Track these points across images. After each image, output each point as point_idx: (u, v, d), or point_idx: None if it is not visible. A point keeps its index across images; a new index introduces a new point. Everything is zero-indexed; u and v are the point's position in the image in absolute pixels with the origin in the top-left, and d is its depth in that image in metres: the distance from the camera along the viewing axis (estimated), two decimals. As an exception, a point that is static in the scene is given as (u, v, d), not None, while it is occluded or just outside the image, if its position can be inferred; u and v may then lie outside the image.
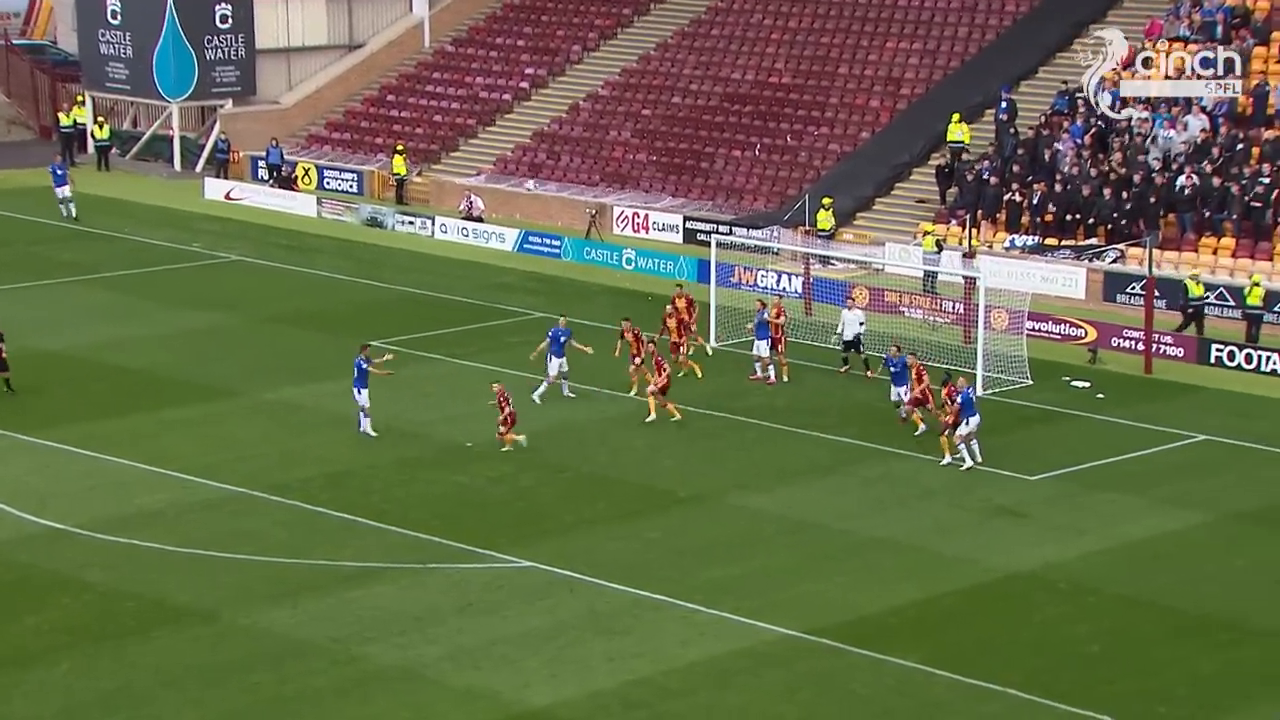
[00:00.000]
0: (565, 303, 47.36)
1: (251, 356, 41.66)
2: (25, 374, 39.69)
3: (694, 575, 29.54)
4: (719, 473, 34.70)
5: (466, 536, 30.76)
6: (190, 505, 31.96)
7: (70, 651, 25.89)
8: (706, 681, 25.85)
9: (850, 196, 53.00)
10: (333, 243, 54.19)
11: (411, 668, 25.84)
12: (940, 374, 37.08)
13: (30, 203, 56.96)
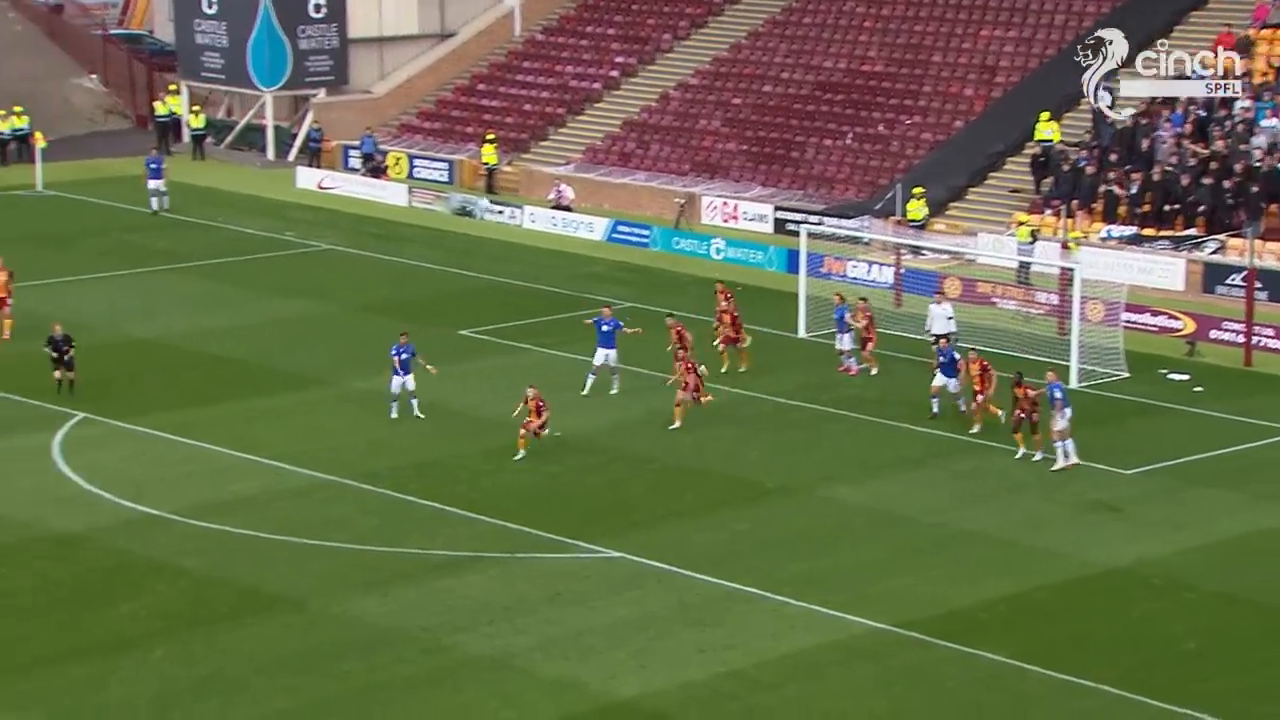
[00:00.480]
0: (655, 293, 47.41)
1: (342, 345, 41.99)
2: (121, 361, 40.27)
3: (783, 567, 29.47)
4: (807, 464, 34.58)
5: (555, 527, 30.84)
6: (282, 492, 32.28)
7: (165, 637, 26.23)
8: (797, 674, 25.78)
9: (943, 186, 52.61)
10: (423, 232, 54.51)
11: (501, 657, 25.96)
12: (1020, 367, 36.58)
13: (126, 191, 57.73)
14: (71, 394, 36.52)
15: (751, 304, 45.85)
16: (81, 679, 24.88)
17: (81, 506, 31.24)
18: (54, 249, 50.97)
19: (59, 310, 44.12)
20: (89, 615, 26.97)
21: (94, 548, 29.50)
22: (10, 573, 28.39)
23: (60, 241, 51.88)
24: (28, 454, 33.78)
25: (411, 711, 24.26)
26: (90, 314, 44.03)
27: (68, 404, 36.50)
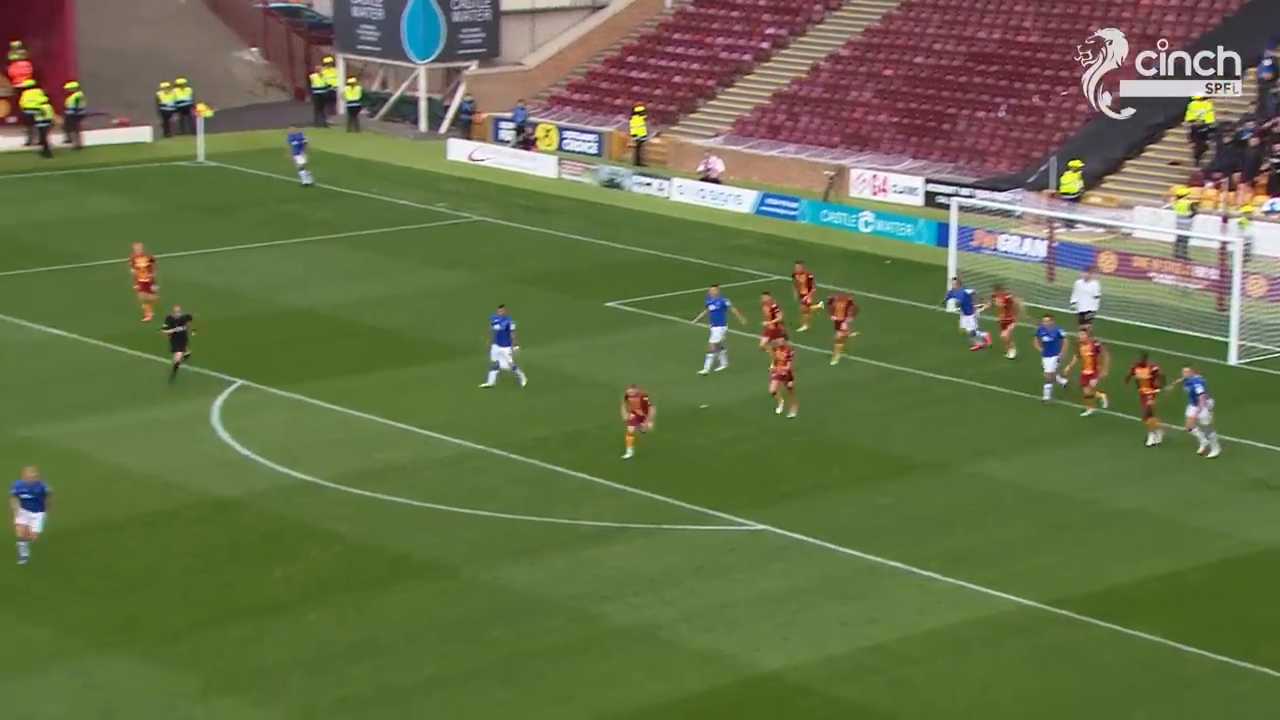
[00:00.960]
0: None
1: (491, 315, 42.33)
2: (277, 330, 40.99)
3: (930, 542, 29.22)
4: (956, 440, 34.22)
5: (700, 498, 30.86)
6: (432, 461, 32.65)
7: (319, 601, 26.69)
8: (943, 650, 25.56)
9: (1098, 159, 51.64)
10: (571, 204, 54.73)
11: (647, 628, 26.06)
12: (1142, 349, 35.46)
13: (284, 163, 58.63)
14: (173, 381, 35.98)
15: (900, 278, 45.49)
16: (238, 640, 25.40)
17: (238, 472, 31.87)
18: (214, 219, 51.98)
19: (218, 279, 45.11)
20: (245, 578, 27.51)
21: (250, 512, 30.08)
22: (170, 536, 29.05)
23: (220, 211, 52.89)
24: (188, 420, 34.51)
25: (558, 680, 24.45)
26: (248, 283, 44.87)
27: (227, 371, 37.20)
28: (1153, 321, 41.30)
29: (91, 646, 24.88)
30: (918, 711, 23.85)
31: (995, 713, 23.88)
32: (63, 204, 53.45)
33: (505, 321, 36.24)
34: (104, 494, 30.62)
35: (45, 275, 45.09)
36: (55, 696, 23.66)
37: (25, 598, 26.24)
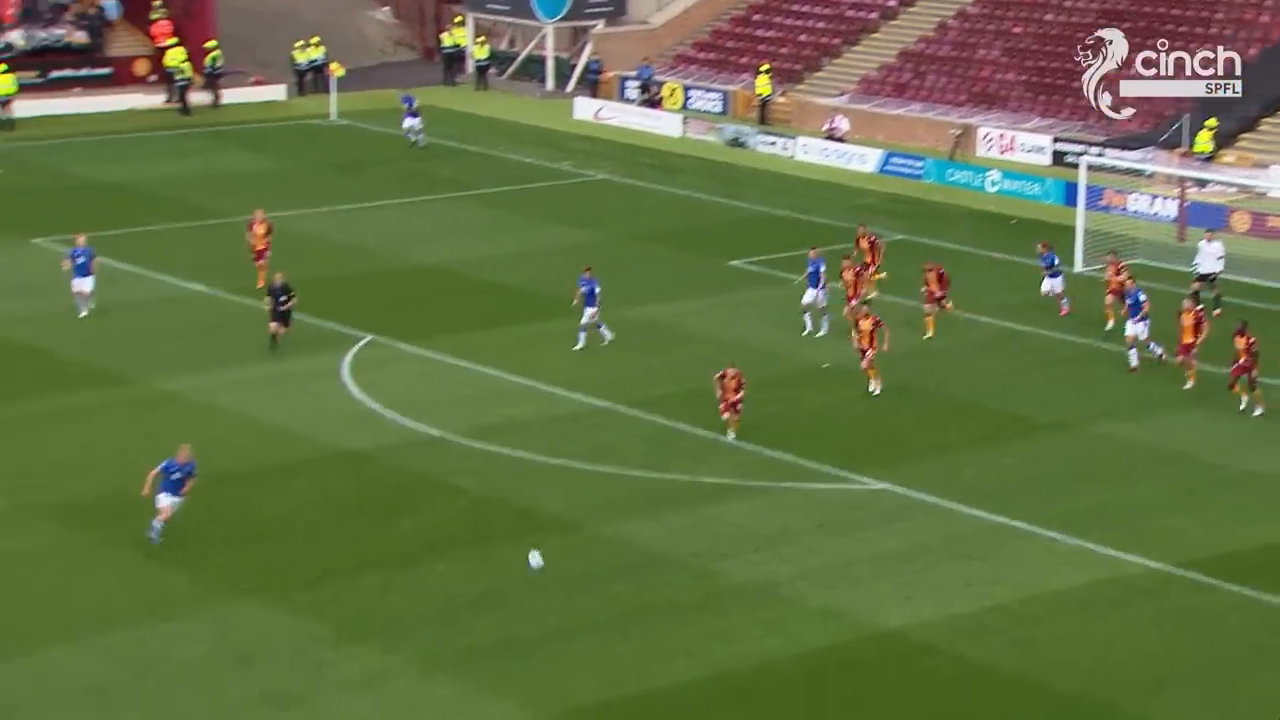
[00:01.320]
0: (926, 226, 46.67)
1: (616, 274, 42.32)
2: (406, 286, 41.35)
3: (1055, 503, 28.86)
4: (1082, 401, 33.74)
5: (821, 457, 30.72)
6: (556, 417, 32.79)
7: (445, 554, 26.95)
8: (1067, 611, 25.27)
9: (1233, 117, 50.49)
10: (696, 162, 54.57)
11: (766, 585, 26.02)
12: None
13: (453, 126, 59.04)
14: (273, 349, 35.39)
15: (1026, 238, 44.82)
16: (368, 590, 25.74)
17: (367, 425, 32.23)
18: (345, 176, 52.51)
19: (348, 235, 45.58)
20: (373, 530, 27.85)
21: (378, 465, 30.42)
22: (300, 488, 29.48)
23: (351, 169, 53.41)
24: (319, 374, 34.95)
25: (679, 634, 24.49)
26: (377, 240, 45.30)
27: (356, 326, 37.60)
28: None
29: (227, 594, 25.34)
30: (1041, 672, 23.61)
31: (1120, 674, 23.58)
32: (200, 160, 54.29)
33: (591, 284, 35.97)
34: (237, 446, 31.12)
35: (183, 231, 45.83)
36: (192, 640, 24.15)
37: (164, 547, 26.77)
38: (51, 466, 30.09)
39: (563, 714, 22.37)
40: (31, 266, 42.22)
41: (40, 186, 50.72)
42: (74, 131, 57.51)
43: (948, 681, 23.47)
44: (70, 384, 34.24)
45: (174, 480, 26.69)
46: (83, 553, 26.83)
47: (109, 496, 28.77)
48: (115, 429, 31.93)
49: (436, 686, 22.97)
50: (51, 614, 24.76)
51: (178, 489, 26.72)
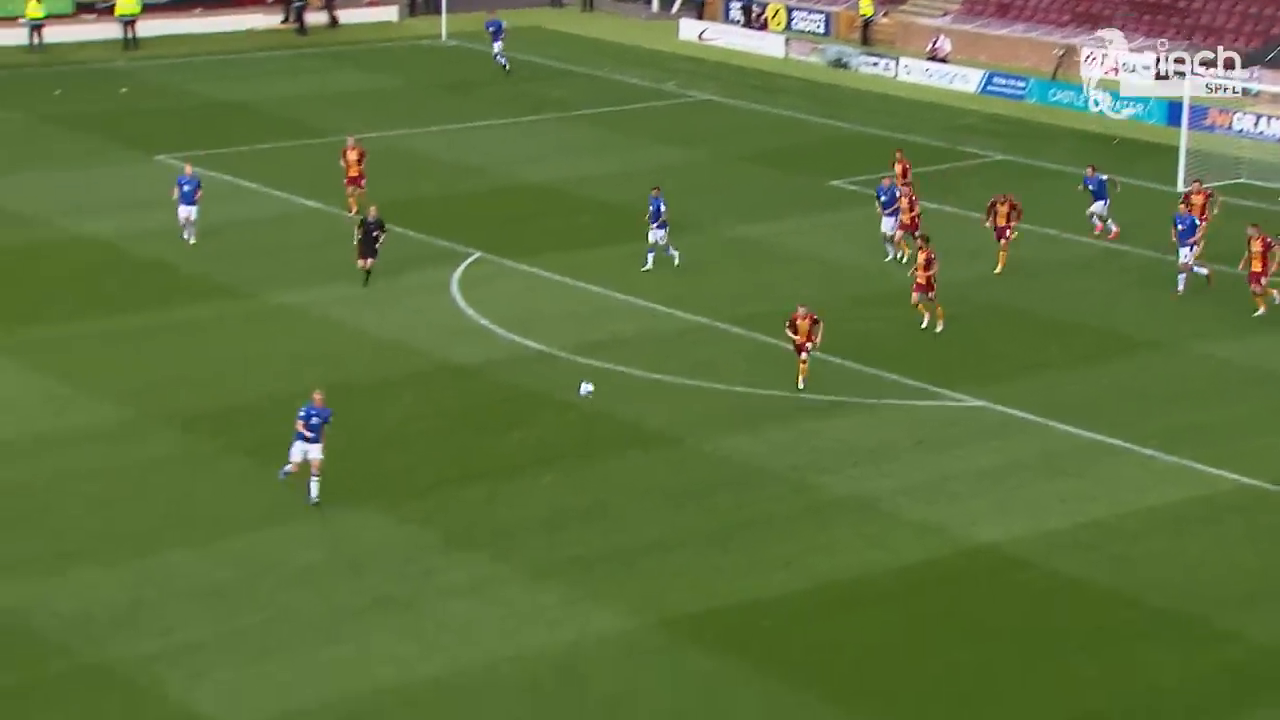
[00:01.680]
0: (1027, 146, 45.89)
1: (718, 193, 42.11)
2: (515, 204, 41.36)
3: (1152, 421, 28.46)
4: (1181, 320, 33.17)
5: (920, 374, 30.45)
6: (659, 334, 32.74)
7: (552, 466, 27.06)
8: (1163, 527, 24.97)
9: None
10: (798, 83, 53.98)
11: (866, 499, 25.91)
12: None
13: (522, 42, 58.90)
14: (366, 285, 34.41)
15: (1130, 158, 44.06)
16: (476, 501, 25.93)
17: (476, 340, 32.36)
18: (455, 96, 52.50)
19: (458, 154, 45.62)
20: (482, 442, 28.01)
21: (486, 379, 30.56)
22: (412, 401, 29.69)
23: (461, 89, 53.38)
24: (429, 289, 35.12)
25: (778, 547, 24.47)
26: (487, 158, 45.32)
27: (465, 243, 37.71)
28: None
29: (340, 502, 25.63)
30: (1136, 587, 23.37)
31: (1213, 589, 23.29)
32: (315, 80, 54.55)
33: (657, 203, 35.47)
34: (350, 359, 31.38)
35: (299, 148, 46.09)
36: (307, 546, 24.48)
37: (284, 454, 27.11)
38: (173, 378, 30.53)
39: (663, 623, 22.46)
40: (154, 183, 42.66)
41: (163, 105, 51.22)
42: (195, 51, 57.95)
43: (1041, 595, 23.30)
44: (190, 297, 34.66)
45: (313, 426, 25.26)
46: (203, 460, 27.25)
47: (228, 407, 29.17)
48: (233, 341, 32.32)
49: (541, 594, 23.15)
50: (174, 519, 25.20)
51: (318, 436, 25.30)
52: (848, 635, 22.27)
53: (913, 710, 20.63)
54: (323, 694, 20.75)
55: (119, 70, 55.61)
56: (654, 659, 21.64)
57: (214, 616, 22.55)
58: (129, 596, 23.02)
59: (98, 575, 23.48)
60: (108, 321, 33.29)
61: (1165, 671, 21.48)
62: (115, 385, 30.04)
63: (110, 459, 27.33)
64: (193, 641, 21.89)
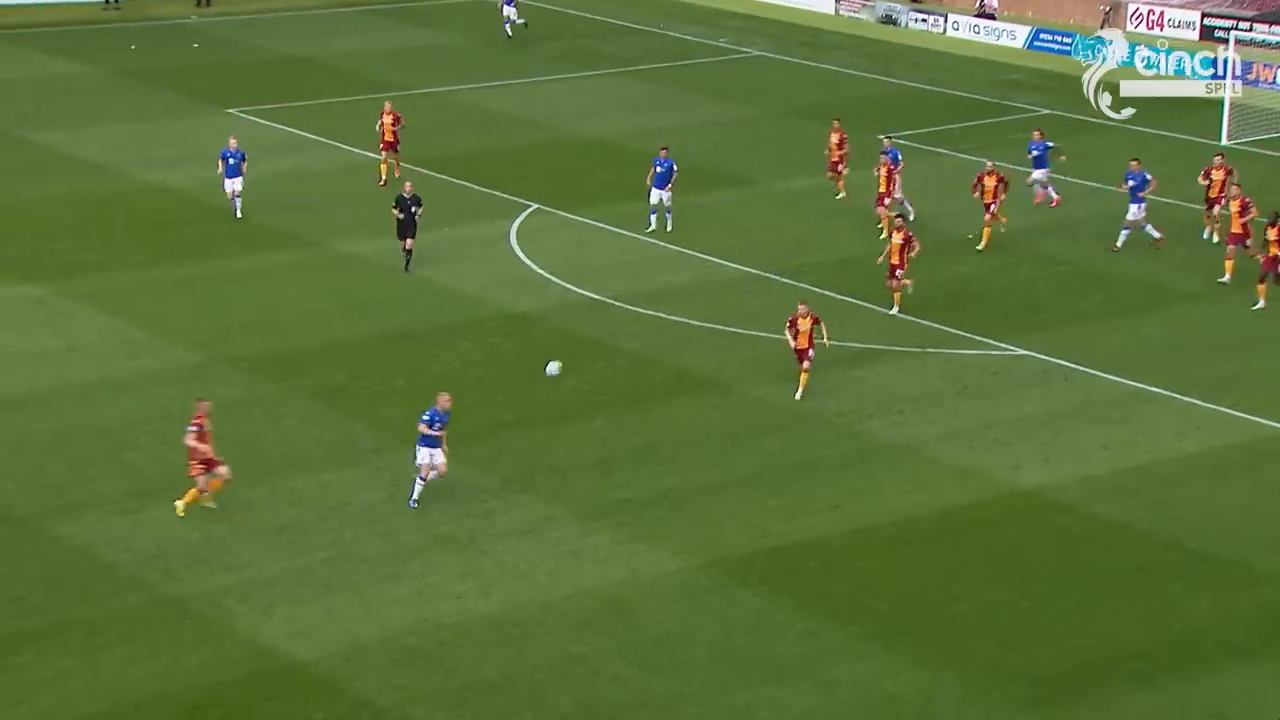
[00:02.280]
0: (1072, 101, 45.29)
1: (768, 147, 41.82)
2: (570, 157, 41.23)
3: (1193, 370, 28.16)
4: (1220, 272, 32.66)
5: (965, 324, 30.23)
6: (710, 284, 32.61)
7: (604, 410, 27.06)
8: (1202, 473, 24.74)
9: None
10: (848, 39, 53.48)
11: (910, 444, 25.78)
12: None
13: (577, 0, 58.60)
14: (409, 268, 32.53)
15: (1175, 112, 43.49)
16: (533, 443, 25.97)
17: (533, 289, 32.35)
18: (516, 52, 52.30)
19: (517, 108, 45.49)
20: (538, 388, 28.01)
21: (542, 327, 30.55)
22: (471, 347, 29.73)
23: (520, 45, 53.18)
24: (488, 240, 35.11)
25: (827, 489, 24.41)
26: (543, 112, 45.17)
27: (523, 195, 37.63)
28: None
29: (401, 444, 25.70)
30: (1175, 532, 23.17)
31: (1251, 533, 23.07)
32: (380, 36, 54.49)
33: (667, 164, 34.73)
34: (413, 306, 31.43)
35: (364, 103, 46.03)
36: (370, 487, 24.59)
37: (349, 398, 27.25)
38: (243, 323, 30.69)
39: (712, 563, 22.46)
40: (225, 135, 42.72)
41: (233, 60, 51.31)
42: (264, 9, 57.95)
43: (1081, 539, 23.15)
44: (258, 246, 34.79)
45: (435, 433, 23.42)
46: (272, 403, 27.40)
47: (296, 351, 29.30)
48: (301, 288, 32.44)
49: (594, 534, 23.19)
50: (244, 459, 25.34)
51: (438, 440, 23.49)
52: (890, 576, 22.20)
53: (951, 648, 20.57)
54: (384, 629, 20.89)
55: (191, 26, 55.73)
56: (703, 598, 21.66)
57: (281, 554, 22.71)
58: (200, 534, 23.21)
59: (171, 514, 23.68)
60: (179, 269, 33.49)
61: (1202, 612, 21.32)
62: (186, 330, 30.23)
63: (182, 401, 27.47)
64: (261, 578, 22.07)
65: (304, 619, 21.12)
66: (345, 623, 21.06)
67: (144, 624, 21.00)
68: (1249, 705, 19.44)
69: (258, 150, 38.81)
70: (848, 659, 20.33)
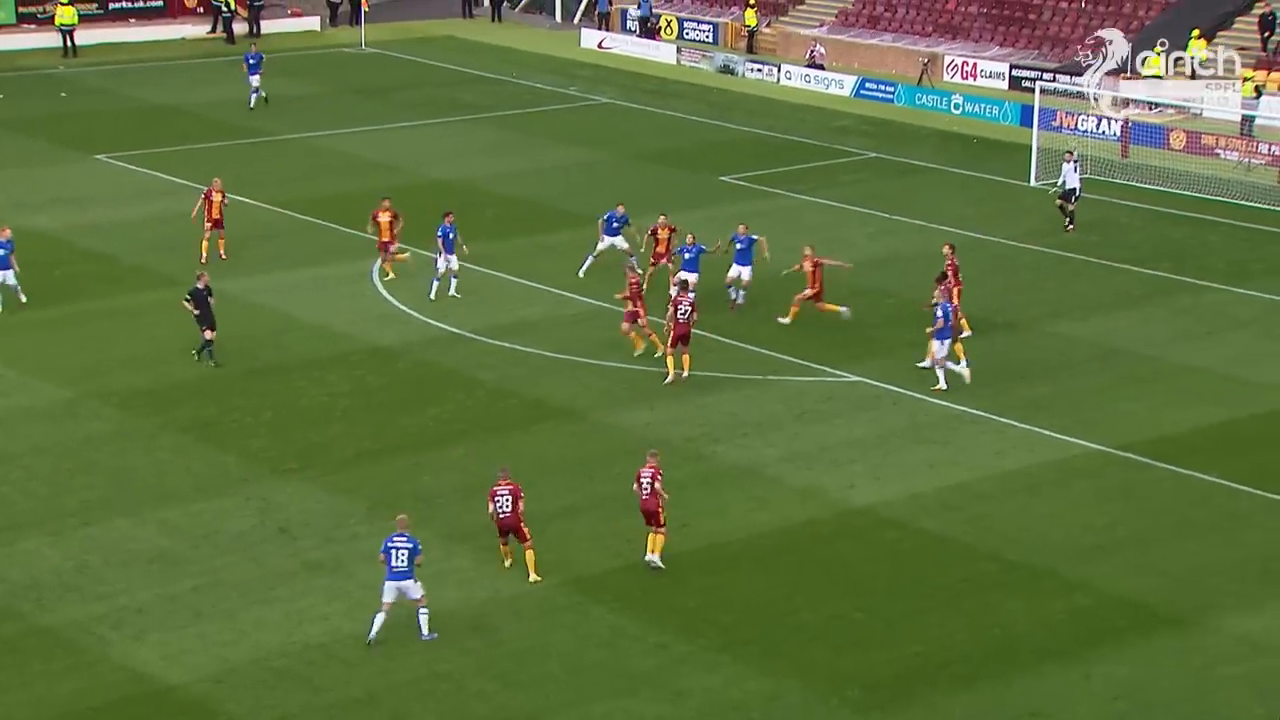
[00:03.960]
0: (897, 145, 46.26)
1: (616, 189, 42.03)
2: (428, 200, 41.00)
3: (1008, 393, 28.84)
4: (1034, 302, 33.63)
5: (802, 353, 30.65)
6: (563, 318, 32.67)
7: (465, 439, 26.95)
8: (1019, 489, 25.33)
9: (1173, 44, 49.91)
10: (690, 88, 54.03)
11: (753, 466, 26.05)
12: None
13: (435, 50, 58.48)
14: (203, 358, 29.40)
15: (986, 155, 44.60)
16: (397, 470, 25.77)
17: (395, 324, 32.12)
18: (373, 100, 51.98)
19: (376, 153, 45.17)
20: (401, 417, 27.84)
21: (405, 360, 30.36)
22: (337, 379, 29.43)
23: (379, 93, 52.86)
24: (352, 278, 34.77)
25: (676, 510, 24.46)
26: (402, 157, 44.93)
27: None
28: (1221, 194, 40.19)
29: (270, 474, 25.39)
30: (994, 544, 23.71)
31: (1063, 544, 23.68)
32: (243, 85, 53.72)
33: (448, 230, 32.85)
34: (281, 342, 31.04)
35: (227, 148, 45.44)
36: (240, 515, 24.21)
37: (217, 430, 26.80)
38: (112, 359, 30.04)
39: (568, 581, 22.47)
40: (93, 180, 41.95)
41: (100, 108, 50.28)
42: (129, 59, 56.91)
43: (910, 552, 23.57)
44: (131, 286, 34.11)
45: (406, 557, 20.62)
46: (143, 437, 26.86)
47: (167, 386, 28.76)
48: (172, 326, 31.79)
49: (457, 557, 23.06)
50: (116, 490, 24.84)
51: (408, 572, 20.66)
52: (736, 590, 22.40)
53: (793, 657, 20.81)
54: (255, 652, 20.56)
55: (59, 76, 54.51)
56: (560, 615, 21.65)
57: (154, 581, 22.25)
58: (74, 564, 22.65)
59: (44, 545, 23.09)
60: (50, 309, 32.68)
61: (1019, 618, 21.81)
62: (57, 368, 29.51)
63: (53, 436, 26.87)
64: (133, 605, 21.60)
65: (176, 644, 20.71)
66: (216, 647, 20.68)
67: (16, 653, 20.42)
68: (1062, 704, 19.94)
69: (127, 195, 38.06)
70: (697, 669, 20.46)
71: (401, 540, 20.82)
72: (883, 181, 38.72)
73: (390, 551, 20.77)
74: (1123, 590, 22.40)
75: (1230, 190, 40.18)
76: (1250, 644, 21.15)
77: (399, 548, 20.78)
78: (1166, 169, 41.59)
